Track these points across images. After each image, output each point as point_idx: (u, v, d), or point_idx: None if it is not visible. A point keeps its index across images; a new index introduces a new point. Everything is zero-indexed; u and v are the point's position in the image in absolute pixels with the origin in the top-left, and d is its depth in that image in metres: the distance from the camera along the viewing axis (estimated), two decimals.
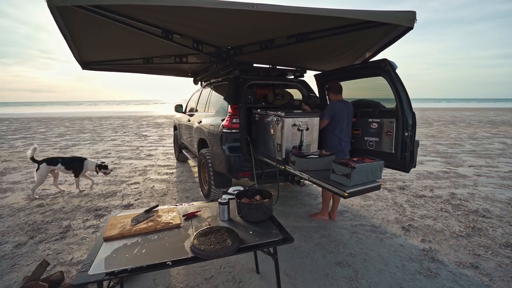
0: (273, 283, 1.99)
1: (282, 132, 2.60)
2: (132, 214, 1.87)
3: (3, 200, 3.66)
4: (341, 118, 2.79)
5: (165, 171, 5.12)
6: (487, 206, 3.42)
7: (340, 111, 2.80)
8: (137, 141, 8.87)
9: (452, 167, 5.41)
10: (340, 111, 2.80)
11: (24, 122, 15.97)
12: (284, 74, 4.05)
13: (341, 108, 2.81)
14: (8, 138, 9.64)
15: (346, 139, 2.87)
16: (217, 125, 3.21)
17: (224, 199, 1.82)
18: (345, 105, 2.86)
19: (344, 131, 2.83)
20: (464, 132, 10.76)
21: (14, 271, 2.13)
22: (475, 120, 16.63)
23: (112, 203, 3.53)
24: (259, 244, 1.53)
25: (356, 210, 3.33)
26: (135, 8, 2.02)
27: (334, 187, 2.00)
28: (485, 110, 29.27)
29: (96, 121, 16.99)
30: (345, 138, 2.85)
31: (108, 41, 2.93)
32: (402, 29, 2.34)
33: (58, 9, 1.90)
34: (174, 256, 1.39)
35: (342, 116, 2.79)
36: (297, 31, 2.57)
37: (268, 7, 1.85)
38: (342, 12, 1.95)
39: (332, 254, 2.39)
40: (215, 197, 3.38)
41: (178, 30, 2.58)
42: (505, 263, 2.26)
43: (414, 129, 2.52)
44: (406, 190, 4.03)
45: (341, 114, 2.79)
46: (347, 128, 2.86)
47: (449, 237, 2.69)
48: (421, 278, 2.07)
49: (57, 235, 2.69)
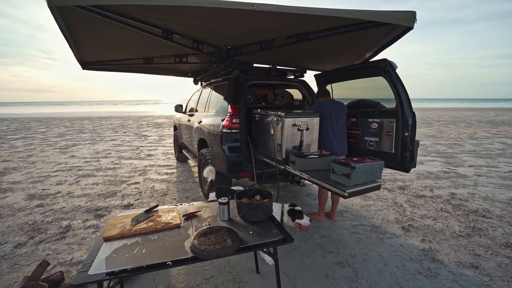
0: (273, 283, 1.99)
1: (282, 132, 2.60)
2: (132, 214, 1.87)
3: (3, 200, 3.66)
4: (327, 116, 2.79)
5: (165, 171, 5.12)
6: (487, 206, 3.42)
7: (325, 109, 2.81)
8: (137, 141, 8.87)
9: (452, 167, 5.41)
10: (325, 109, 2.81)
11: (24, 122, 15.97)
12: (284, 74, 4.05)
13: (326, 106, 2.82)
14: (8, 138, 9.65)
15: (338, 138, 2.84)
16: (217, 125, 3.21)
17: (224, 199, 1.82)
18: (333, 103, 2.86)
19: (333, 130, 2.82)
20: (464, 132, 10.76)
21: (14, 271, 2.13)
22: (475, 120, 16.63)
23: (112, 203, 3.53)
24: (259, 244, 1.53)
25: (356, 210, 3.33)
26: (135, 8, 2.02)
27: (334, 187, 2.00)
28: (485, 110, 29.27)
29: (96, 121, 17.00)
30: (335, 138, 2.82)
31: (108, 41, 2.93)
32: (402, 29, 2.34)
33: (58, 9, 1.90)
34: (174, 256, 1.38)
35: (329, 114, 2.79)
36: (297, 31, 2.57)
37: (268, 7, 1.85)
38: (342, 12, 1.95)
39: (332, 254, 2.39)
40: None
41: (178, 30, 2.58)
42: (505, 263, 2.26)
43: (414, 129, 2.52)
44: (406, 190, 4.03)
45: (326, 112, 2.80)
46: (337, 127, 2.84)
47: (449, 237, 2.69)
48: (421, 278, 2.07)
49: (57, 235, 2.69)
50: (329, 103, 2.85)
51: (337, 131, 2.84)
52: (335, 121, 2.81)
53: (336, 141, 2.82)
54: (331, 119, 2.80)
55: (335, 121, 2.82)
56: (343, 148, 2.88)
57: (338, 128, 2.85)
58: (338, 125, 2.84)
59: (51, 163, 5.81)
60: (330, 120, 2.80)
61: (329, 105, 2.83)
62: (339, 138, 2.85)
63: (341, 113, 2.87)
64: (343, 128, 2.89)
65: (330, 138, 2.81)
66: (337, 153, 2.81)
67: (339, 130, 2.86)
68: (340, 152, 2.84)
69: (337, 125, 2.83)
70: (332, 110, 2.81)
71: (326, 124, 2.80)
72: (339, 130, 2.86)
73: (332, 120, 2.80)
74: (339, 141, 2.84)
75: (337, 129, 2.84)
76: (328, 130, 2.81)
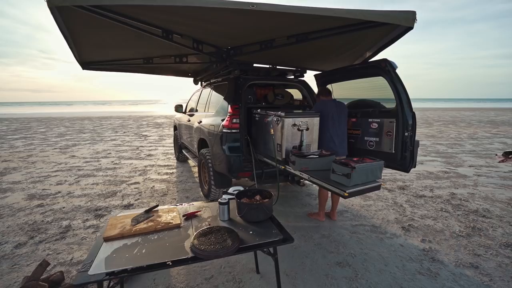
0: (273, 283, 1.99)
1: (282, 132, 2.60)
2: (132, 214, 1.87)
3: (3, 200, 3.66)
4: (328, 116, 2.79)
5: (165, 171, 5.12)
6: (487, 206, 3.41)
7: (327, 108, 2.81)
8: (137, 141, 8.87)
9: (452, 167, 5.41)
10: (327, 108, 2.81)
11: (24, 122, 15.97)
12: (284, 74, 4.05)
13: (328, 106, 2.82)
14: (8, 138, 9.65)
15: (340, 138, 2.84)
16: (217, 125, 3.21)
17: (224, 199, 1.82)
18: (334, 103, 2.86)
19: (335, 130, 2.81)
20: (464, 132, 10.76)
21: (14, 271, 2.13)
22: (475, 120, 16.63)
23: (112, 203, 3.53)
24: (259, 244, 1.53)
25: (356, 210, 3.33)
26: (135, 8, 2.02)
27: (334, 187, 2.00)
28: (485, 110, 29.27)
29: (96, 121, 17.00)
30: (337, 138, 2.82)
31: (108, 41, 2.93)
32: (402, 29, 2.33)
33: (58, 9, 1.90)
34: (174, 256, 1.39)
35: (331, 114, 2.79)
36: (297, 31, 2.57)
37: (268, 7, 1.85)
38: (342, 12, 1.95)
39: (332, 254, 2.39)
40: (215, 197, 3.38)
41: (178, 30, 2.58)
42: (505, 263, 2.26)
43: (414, 129, 2.52)
44: (406, 190, 4.03)
45: (328, 112, 2.80)
46: (339, 127, 2.84)
47: (449, 237, 2.69)
48: (421, 278, 2.07)
49: (57, 235, 2.69)
50: (331, 103, 2.85)
51: (339, 131, 2.84)
52: (336, 121, 2.82)
53: (338, 141, 2.83)
54: (333, 119, 2.80)
55: (337, 121, 2.82)
56: (344, 148, 2.88)
57: (340, 128, 2.85)
58: (340, 125, 2.85)
59: (51, 163, 5.81)
60: (332, 120, 2.80)
61: (331, 105, 2.83)
62: (341, 138, 2.86)
63: (342, 113, 2.87)
64: (344, 128, 2.90)
65: (333, 138, 2.81)
66: (339, 153, 2.81)
67: (341, 130, 2.86)
68: (342, 152, 2.84)
69: (338, 125, 2.84)
70: (333, 110, 2.81)
71: (328, 124, 2.80)
72: (341, 130, 2.86)
73: (334, 120, 2.81)
74: (340, 141, 2.85)
75: (339, 129, 2.84)
76: (330, 130, 2.81)
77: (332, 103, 2.86)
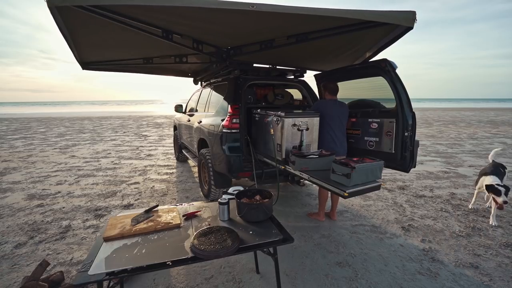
0: (273, 283, 1.99)
1: (282, 132, 2.60)
2: (132, 214, 1.87)
3: (3, 200, 3.66)
4: (329, 116, 2.79)
5: (165, 171, 5.12)
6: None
7: (327, 109, 2.81)
8: (137, 141, 8.87)
9: (452, 167, 5.42)
10: (327, 109, 2.81)
11: (24, 122, 15.97)
12: (284, 74, 4.05)
13: (328, 106, 2.82)
14: (8, 138, 9.64)
15: (340, 138, 2.85)
16: (217, 125, 3.21)
17: (224, 199, 1.82)
18: (336, 104, 2.86)
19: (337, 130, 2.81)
20: (464, 132, 10.76)
21: (14, 271, 2.13)
22: (475, 120, 16.63)
23: (112, 203, 3.53)
24: (259, 244, 1.53)
25: (356, 210, 3.33)
26: (135, 8, 2.02)
27: (334, 187, 2.00)
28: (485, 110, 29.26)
29: (96, 121, 16.99)
30: (337, 138, 2.83)
31: (108, 41, 2.93)
32: (402, 29, 2.33)
33: (58, 9, 1.90)
34: (174, 256, 1.39)
35: (331, 114, 2.79)
36: (297, 31, 2.57)
37: (268, 7, 1.85)
38: (342, 12, 1.95)
39: (332, 254, 2.39)
40: (215, 197, 3.38)
41: (178, 30, 2.58)
42: (505, 263, 2.26)
43: (414, 129, 2.52)
44: (406, 190, 4.03)
45: (328, 112, 2.79)
46: (340, 128, 2.84)
47: (449, 237, 2.69)
48: (421, 278, 2.07)
49: (57, 235, 2.69)
50: (332, 103, 2.85)
51: (339, 132, 2.85)
52: (337, 121, 2.82)
53: (338, 141, 2.83)
54: (333, 119, 2.80)
55: (338, 121, 2.82)
56: (344, 148, 2.89)
57: (341, 129, 2.86)
58: (341, 125, 2.85)
59: (51, 163, 5.81)
60: (332, 120, 2.80)
61: (331, 105, 2.83)
62: (341, 138, 2.87)
63: (343, 114, 2.87)
64: (343, 129, 2.90)
65: (333, 138, 2.82)
66: (339, 153, 2.81)
67: (341, 131, 2.87)
68: (342, 152, 2.85)
69: (339, 126, 2.84)
70: (334, 110, 2.81)
71: (329, 124, 2.80)
72: (341, 130, 2.87)
73: (335, 120, 2.80)
74: (341, 141, 2.86)
75: (340, 129, 2.85)
76: (330, 130, 2.81)
77: (332, 103, 2.85)
